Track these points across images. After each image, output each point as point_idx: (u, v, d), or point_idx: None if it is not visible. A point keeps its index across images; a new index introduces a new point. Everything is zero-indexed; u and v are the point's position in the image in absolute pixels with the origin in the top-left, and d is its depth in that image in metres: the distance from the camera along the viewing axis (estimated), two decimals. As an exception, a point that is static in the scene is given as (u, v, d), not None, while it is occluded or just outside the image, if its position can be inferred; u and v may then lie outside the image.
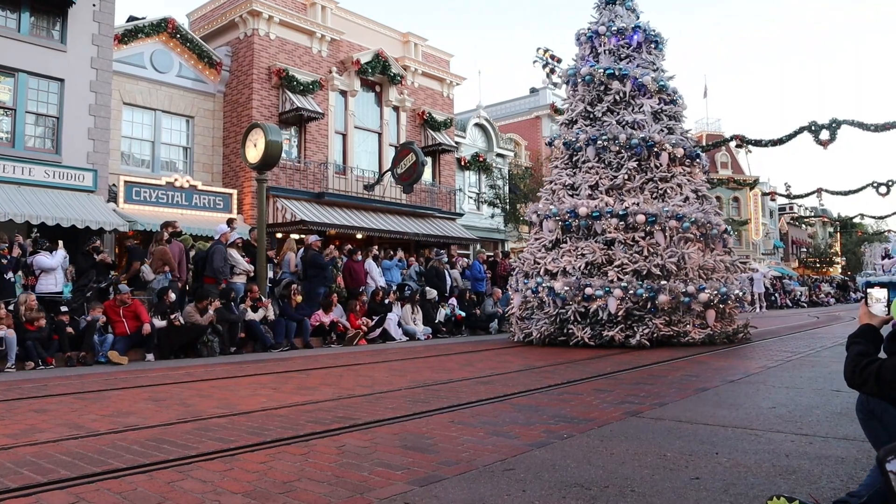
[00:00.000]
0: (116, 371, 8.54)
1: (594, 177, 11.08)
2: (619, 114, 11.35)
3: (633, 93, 11.38)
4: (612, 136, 10.95)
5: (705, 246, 10.83)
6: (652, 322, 9.92)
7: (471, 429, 4.20)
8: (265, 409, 5.07)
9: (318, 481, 3.07)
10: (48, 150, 15.16)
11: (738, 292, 10.77)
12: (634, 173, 10.91)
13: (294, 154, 20.16)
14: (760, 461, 3.32)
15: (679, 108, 11.80)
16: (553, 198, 11.45)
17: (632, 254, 10.25)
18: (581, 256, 10.49)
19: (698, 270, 10.39)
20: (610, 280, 10.10)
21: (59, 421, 4.75)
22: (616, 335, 9.94)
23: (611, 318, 10.00)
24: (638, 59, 11.67)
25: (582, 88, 11.77)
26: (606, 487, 2.92)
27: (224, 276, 12.04)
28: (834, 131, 21.68)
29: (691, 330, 10.05)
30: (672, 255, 10.17)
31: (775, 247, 53.12)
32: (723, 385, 5.96)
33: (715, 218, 11.04)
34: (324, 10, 21.27)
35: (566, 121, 12.04)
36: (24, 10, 14.89)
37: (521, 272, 11.40)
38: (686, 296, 9.91)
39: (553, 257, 10.81)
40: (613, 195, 10.83)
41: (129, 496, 2.89)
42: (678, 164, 11.18)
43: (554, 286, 10.30)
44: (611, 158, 11.05)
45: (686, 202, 10.78)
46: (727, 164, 46.70)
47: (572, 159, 11.64)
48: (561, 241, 10.96)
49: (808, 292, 36.99)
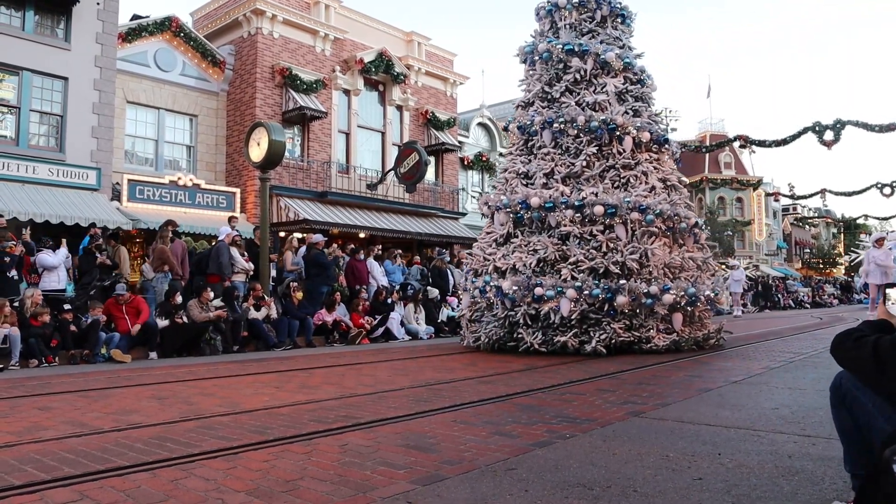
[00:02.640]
0: (119, 369, 8.56)
1: (549, 164, 9.89)
2: (579, 94, 10.10)
3: (596, 71, 10.16)
4: (570, 118, 9.75)
5: (673, 241, 9.76)
6: (610, 326, 8.86)
7: (473, 428, 4.20)
8: (268, 408, 5.08)
9: (320, 480, 3.07)
10: (52, 148, 15.20)
11: (710, 293, 9.53)
12: (594, 160, 9.75)
13: (297, 153, 20.18)
14: (763, 462, 3.32)
15: (647, 89, 10.58)
16: (506, 187, 10.31)
17: (588, 249, 9.15)
18: (533, 252, 9.36)
19: (664, 269, 9.29)
20: (563, 279, 8.99)
21: (63, 418, 4.76)
22: (569, 341, 8.86)
23: (564, 321, 8.93)
24: (602, 35, 10.46)
25: (540, 67, 10.57)
26: (609, 487, 2.91)
27: (230, 273, 12.10)
28: (838, 132, 21.64)
29: (655, 335, 8.99)
30: (634, 252, 9.08)
31: (778, 247, 53.07)
32: (725, 386, 5.95)
33: (684, 210, 9.92)
34: (327, 9, 21.29)
35: (522, 102, 10.81)
36: (28, 8, 14.94)
37: (471, 270, 10.30)
38: (648, 297, 8.84)
39: (503, 253, 9.70)
40: (570, 184, 9.68)
41: (133, 494, 2.90)
42: (644, 150, 10.02)
43: (502, 285, 9.22)
44: (568, 143, 9.87)
45: (652, 192, 9.62)
46: (731, 164, 46.68)
47: (528, 145, 10.47)
48: (512, 235, 9.88)
49: (812, 293, 36.93)
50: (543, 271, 9.26)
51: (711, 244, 36.04)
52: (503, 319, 9.52)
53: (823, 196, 40.08)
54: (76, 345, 9.64)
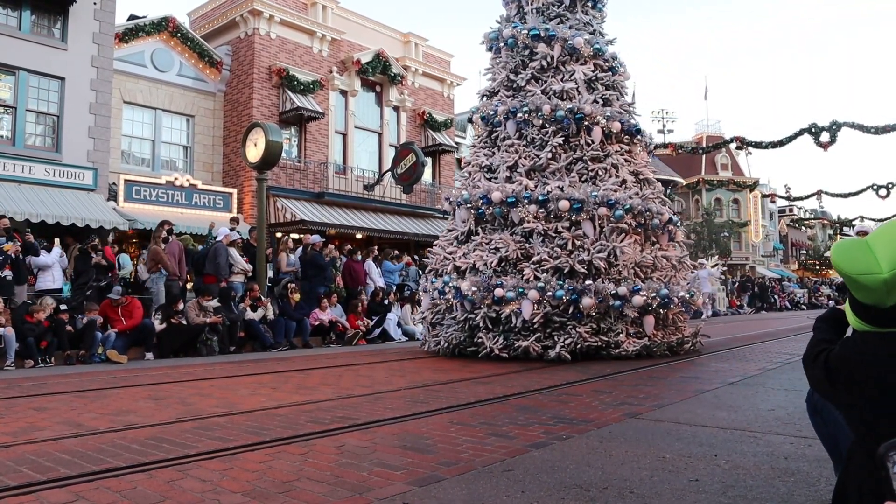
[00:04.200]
0: (116, 370, 8.54)
1: (513, 156, 9.29)
2: (545, 82, 9.49)
3: (564, 58, 9.53)
4: (535, 107, 9.14)
5: (645, 239, 9.16)
6: (575, 331, 8.24)
7: (470, 429, 4.21)
8: (265, 409, 5.07)
9: (317, 481, 3.07)
10: (48, 148, 15.16)
11: (685, 294, 8.87)
12: (560, 152, 9.12)
13: (294, 154, 20.17)
14: (759, 463, 3.33)
15: (619, 77, 9.95)
16: (469, 182, 9.71)
17: (553, 247, 8.54)
18: (495, 251, 8.77)
19: (634, 268, 8.69)
20: (526, 279, 8.40)
21: (59, 419, 4.75)
22: (532, 346, 8.26)
23: (525, 325, 8.32)
24: (571, 20, 9.80)
25: (505, 54, 9.99)
26: (605, 489, 2.92)
27: (226, 274, 12.08)
28: (834, 133, 21.72)
29: (624, 340, 8.38)
30: (601, 250, 8.48)
31: (775, 249, 53.18)
32: (722, 387, 5.97)
33: (657, 205, 9.26)
34: (324, 10, 21.28)
35: (486, 92, 10.19)
36: (25, 8, 14.90)
37: (432, 269, 9.73)
38: (617, 298, 8.23)
39: (464, 252, 9.13)
40: (535, 178, 9.07)
41: (129, 495, 2.89)
42: (615, 142, 9.40)
43: (461, 286, 8.64)
44: (533, 134, 9.27)
45: (623, 186, 9.00)
46: (727, 165, 46.76)
47: (491, 137, 9.87)
48: (474, 232, 9.32)
49: (808, 295, 37.03)
50: (505, 271, 8.70)
51: (708, 245, 36.20)
52: (463, 322, 8.92)
53: (820, 198, 40.24)
54: (72, 345, 9.62)
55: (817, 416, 2.56)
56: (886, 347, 2.13)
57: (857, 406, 2.24)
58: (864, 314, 2.20)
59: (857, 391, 2.23)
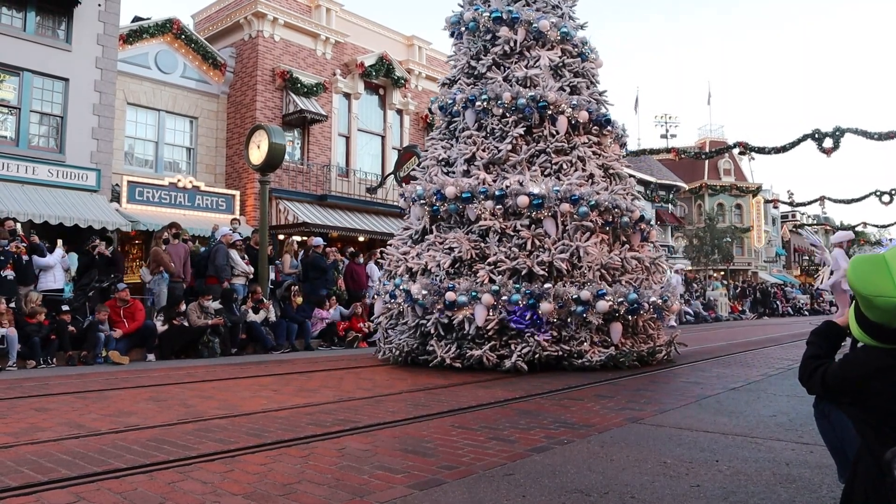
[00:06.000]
0: (117, 371, 8.55)
1: (471, 148, 8.58)
2: (508, 69, 8.82)
3: (528, 43, 8.86)
4: (495, 95, 8.42)
5: (614, 239, 8.42)
6: (533, 339, 7.51)
7: (471, 433, 4.20)
8: (266, 411, 5.07)
9: (318, 484, 3.07)
10: (52, 149, 15.20)
11: (656, 299, 8.03)
12: (522, 143, 8.44)
13: (297, 156, 20.19)
14: (761, 469, 3.32)
15: (589, 64, 9.22)
16: (425, 177, 9.05)
17: (510, 247, 7.84)
18: (449, 251, 8.06)
19: (600, 270, 7.91)
20: (480, 282, 7.69)
21: (60, 420, 4.75)
22: (486, 355, 7.54)
23: (479, 332, 7.59)
24: (538, 2, 9.14)
25: (467, 39, 9.29)
26: (606, 493, 2.91)
27: (227, 275, 12.09)
28: (837, 139, 21.73)
29: (588, 349, 7.62)
30: (564, 250, 7.73)
31: (777, 254, 53.10)
32: (724, 392, 5.96)
33: (627, 202, 8.42)
34: (328, 13, 21.32)
35: (447, 80, 9.53)
36: (29, 9, 14.95)
37: (386, 271, 9.07)
38: (579, 303, 7.46)
39: (417, 252, 8.44)
40: (494, 171, 8.39)
41: (130, 496, 2.89)
42: (582, 133, 8.69)
43: (411, 289, 7.93)
44: (493, 125, 8.55)
45: (590, 181, 8.33)
46: (730, 170, 46.76)
47: (450, 128, 9.19)
48: (429, 231, 8.64)
49: (810, 301, 36.97)
50: (459, 273, 7.99)
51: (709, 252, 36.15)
52: (414, 329, 8.23)
53: (822, 203, 40.22)
54: (74, 346, 9.63)
55: (824, 421, 2.56)
56: (892, 359, 2.14)
57: (863, 413, 2.25)
58: (870, 330, 2.20)
59: (862, 401, 2.24)
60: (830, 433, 2.55)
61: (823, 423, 2.58)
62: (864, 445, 2.20)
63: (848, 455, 2.41)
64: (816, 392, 2.53)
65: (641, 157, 35.32)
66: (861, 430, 2.26)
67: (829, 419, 2.52)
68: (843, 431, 2.44)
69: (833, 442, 2.56)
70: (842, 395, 2.36)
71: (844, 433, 2.42)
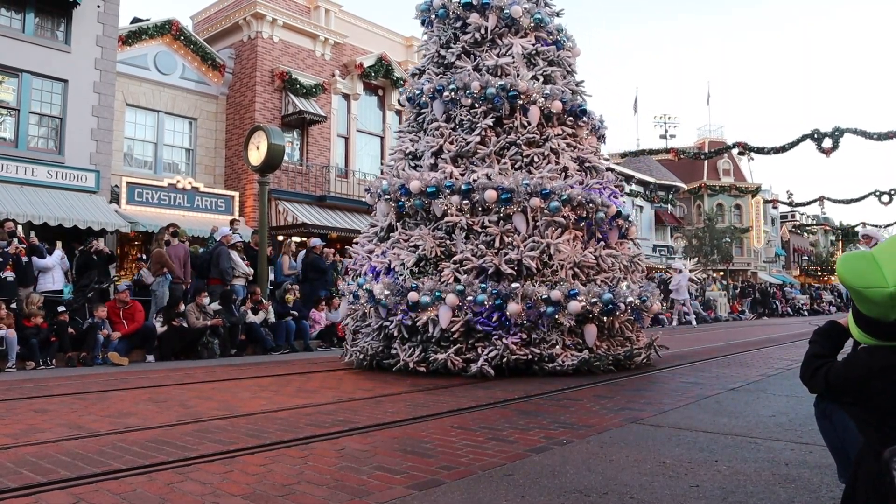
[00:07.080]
0: (117, 372, 8.55)
1: (438, 140, 8.16)
2: (478, 57, 8.41)
3: (500, 30, 8.46)
4: (463, 84, 8.02)
5: (589, 236, 7.99)
6: (501, 342, 7.11)
7: (470, 433, 4.20)
8: (265, 412, 5.07)
9: (317, 484, 3.07)
10: (51, 150, 15.20)
11: (634, 300, 7.60)
12: (491, 135, 8.02)
13: (296, 157, 20.20)
14: (760, 469, 3.32)
15: (565, 52, 8.79)
16: (391, 171, 8.61)
17: (477, 245, 7.42)
18: (414, 249, 7.68)
19: (573, 269, 7.52)
20: (444, 282, 7.28)
21: (60, 421, 4.75)
22: (451, 359, 7.15)
23: (444, 334, 7.18)
24: None
25: (437, 27, 8.89)
26: (605, 494, 2.91)
27: (230, 277, 12.10)
28: (836, 139, 21.77)
29: (560, 353, 7.21)
30: (533, 248, 7.33)
31: (777, 255, 53.13)
32: (723, 393, 5.96)
33: (602, 197, 8.00)
34: (327, 14, 21.33)
35: (416, 70, 9.15)
36: (28, 10, 14.95)
37: (351, 271, 8.74)
38: (549, 304, 7.06)
39: (383, 250, 8.06)
40: (463, 164, 7.96)
41: (129, 497, 2.89)
42: (556, 124, 8.24)
43: (374, 290, 7.56)
44: (462, 116, 8.14)
45: (563, 174, 7.88)
46: (729, 171, 46.77)
47: (418, 120, 8.81)
48: (394, 228, 8.23)
49: (810, 301, 36.98)
50: (424, 271, 7.58)
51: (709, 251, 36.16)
52: (378, 331, 7.87)
53: (822, 203, 40.27)
54: (73, 347, 9.62)
55: (825, 420, 2.56)
56: (893, 358, 2.15)
57: (865, 412, 2.26)
58: (868, 327, 2.21)
59: (864, 400, 2.25)
60: (831, 433, 2.55)
61: (824, 423, 2.58)
62: (866, 445, 2.21)
63: (849, 455, 2.41)
64: (819, 391, 2.53)
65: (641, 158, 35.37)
66: (863, 429, 2.27)
67: (831, 419, 2.52)
68: (844, 431, 2.45)
69: (834, 442, 2.56)
70: (844, 394, 2.36)
71: (846, 433, 2.43)
